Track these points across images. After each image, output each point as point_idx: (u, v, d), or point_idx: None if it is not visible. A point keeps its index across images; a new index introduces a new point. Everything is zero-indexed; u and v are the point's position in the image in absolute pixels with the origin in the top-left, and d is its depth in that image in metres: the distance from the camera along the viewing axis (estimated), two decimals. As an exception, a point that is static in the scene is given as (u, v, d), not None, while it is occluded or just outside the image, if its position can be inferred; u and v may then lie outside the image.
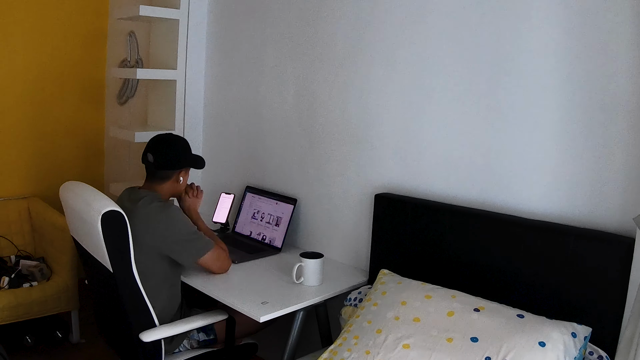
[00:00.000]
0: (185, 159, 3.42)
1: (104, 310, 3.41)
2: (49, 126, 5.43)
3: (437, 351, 2.45)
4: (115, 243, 2.89)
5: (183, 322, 3.10)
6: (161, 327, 3.03)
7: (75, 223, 3.24)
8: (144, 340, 2.93)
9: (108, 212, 2.83)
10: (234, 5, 4.46)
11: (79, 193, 3.14)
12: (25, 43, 5.22)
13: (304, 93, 3.93)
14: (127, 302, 2.96)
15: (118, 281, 2.93)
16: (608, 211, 2.62)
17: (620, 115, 2.55)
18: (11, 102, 5.21)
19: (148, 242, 3.10)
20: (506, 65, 2.92)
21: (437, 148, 3.23)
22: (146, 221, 3.11)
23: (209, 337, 3.30)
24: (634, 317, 2.16)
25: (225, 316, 3.19)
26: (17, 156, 5.29)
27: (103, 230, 2.84)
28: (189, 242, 3.16)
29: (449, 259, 3.07)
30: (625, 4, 2.50)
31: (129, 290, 2.96)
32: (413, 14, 3.29)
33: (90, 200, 2.98)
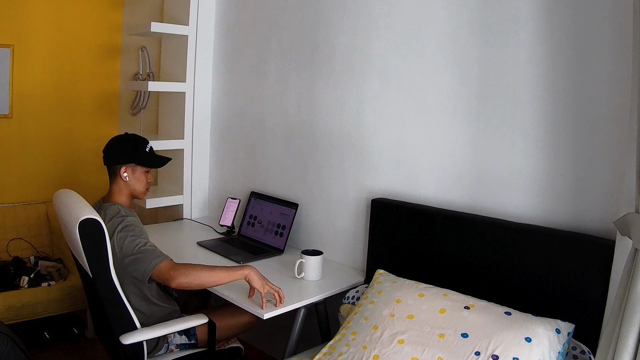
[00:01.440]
0: (127, 154, 3.30)
1: (93, 312, 3.40)
2: (66, 135, 5.44)
3: (429, 346, 2.46)
4: (92, 249, 2.84)
5: (162, 326, 3.01)
6: (141, 330, 2.95)
7: (63, 229, 3.20)
8: (123, 342, 2.85)
9: (85, 220, 2.78)
10: (238, 22, 4.47)
11: (65, 200, 3.09)
12: (45, 57, 5.23)
13: (304, 104, 3.94)
14: (108, 306, 2.92)
15: (98, 285, 2.89)
16: (590, 215, 2.63)
17: (601, 126, 2.56)
18: (31, 112, 5.22)
19: (116, 255, 3.00)
20: (494, 79, 2.93)
21: (430, 156, 3.23)
22: (110, 236, 2.99)
23: (190, 341, 3.24)
24: (614, 314, 2.16)
25: (204, 320, 3.09)
26: (36, 163, 5.30)
27: (81, 236, 2.79)
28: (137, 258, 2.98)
29: (441, 260, 3.07)
30: (606, 22, 2.51)
31: (108, 294, 2.90)
32: (407, 31, 3.30)
33: (72, 208, 2.94)
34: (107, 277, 2.88)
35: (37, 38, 5.18)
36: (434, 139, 3.21)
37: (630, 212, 2.16)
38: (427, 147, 3.24)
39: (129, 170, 3.27)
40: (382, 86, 3.44)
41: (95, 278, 2.88)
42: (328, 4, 3.72)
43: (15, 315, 4.22)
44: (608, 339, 2.15)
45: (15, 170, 5.21)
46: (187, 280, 2.92)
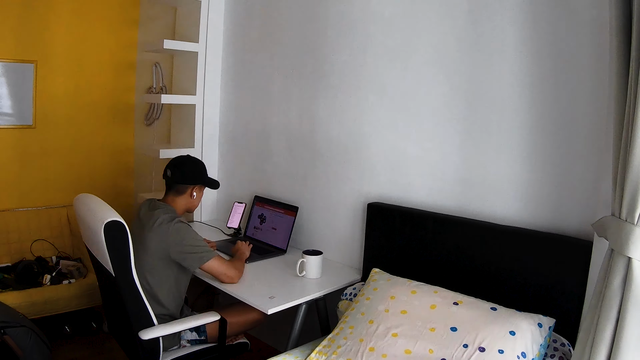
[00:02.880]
0: (199, 177, 3.44)
1: (110, 310, 3.40)
2: (85, 144, 5.44)
3: (421, 339, 2.46)
4: (116, 250, 2.84)
5: (179, 322, 3.04)
6: (159, 326, 2.96)
7: (84, 231, 3.20)
8: (142, 337, 2.86)
9: (110, 222, 2.78)
10: (245, 40, 4.47)
11: (87, 204, 3.11)
12: (65, 72, 5.24)
13: (306, 116, 3.94)
14: (128, 303, 2.92)
15: (119, 284, 2.89)
16: (569, 218, 2.63)
17: (580, 136, 2.57)
18: (53, 123, 5.22)
19: (158, 247, 3.10)
20: (481, 92, 2.93)
21: (421, 163, 3.24)
22: (158, 230, 3.11)
23: (200, 337, 3.25)
24: (591, 309, 2.16)
25: (217, 317, 3.11)
26: (57, 170, 5.30)
27: (105, 237, 2.79)
28: (193, 251, 3.13)
29: (431, 259, 3.07)
30: (584, 40, 2.52)
31: (129, 292, 2.91)
32: (400, 47, 3.30)
33: (96, 211, 2.94)
34: (128, 276, 2.90)
35: (59, 54, 5.19)
36: (425, 147, 3.21)
37: (607, 215, 2.16)
38: (419, 155, 3.25)
39: (197, 190, 3.44)
40: (377, 98, 3.45)
41: (118, 277, 2.88)
42: (327, 24, 3.73)
43: (38, 311, 4.23)
44: (586, 332, 2.15)
45: (38, 177, 5.21)
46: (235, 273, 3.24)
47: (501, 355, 2.31)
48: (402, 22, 3.29)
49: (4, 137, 5.00)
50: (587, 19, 2.50)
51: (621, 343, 1.98)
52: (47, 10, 5.07)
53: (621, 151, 2.05)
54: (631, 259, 2.00)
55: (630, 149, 1.97)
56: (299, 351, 2.91)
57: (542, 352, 2.41)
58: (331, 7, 3.71)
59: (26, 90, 5.05)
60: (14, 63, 4.94)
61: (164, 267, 3.15)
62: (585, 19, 2.50)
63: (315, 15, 3.83)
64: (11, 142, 5.04)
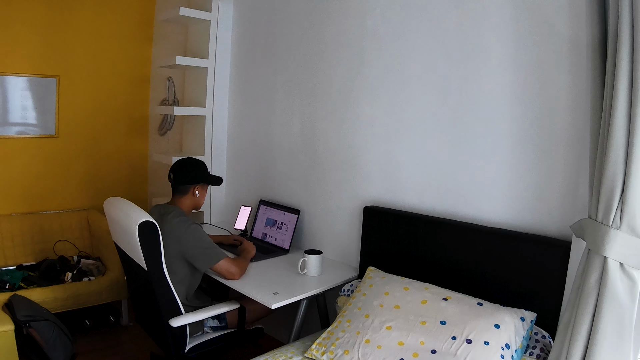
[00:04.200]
0: (199, 176, 3.44)
1: (139, 301, 3.43)
2: (103, 152, 5.44)
3: (413, 332, 2.46)
4: (149, 247, 2.91)
5: (204, 310, 3.11)
6: (186, 314, 3.05)
7: (116, 231, 3.25)
8: (172, 325, 2.96)
9: (143, 222, 2.87)
10: (250, 56, 4.47)
11: (120, 206, 3.16)
12: (86, 86, 5.24)
13: (306, 126, 3.93)
14: (159, 295, 2.98)
15: (152, 277, 2.95)
16: (550, 220, 2.63)
17: (559, 145, 2.57)
18: (74, 133, 5.22)
19: (173, 248, 3.13)
20: (468, 103, 2.93)
21: (413, 170, 3.23)
22: (172, 232, 3.14)
23: (221, 324, 3.29)
24: (570, 304, 2.16)
25: (237, 305, 3.22)
26: (78, 177, 5.30)
27: (139, 236, 2.87)
28: (205, 253, 3.16)
29: (422, 258, 3.06)
30: (564, 56, 2.52)
31: (161, 284, 2.98)
32: (394, 63, 3.30)
33: (130, 212, 3.00)
34: (160, 270, 2.96)
35: (79, 70, 5.19)
36: (417, 154, 3.21)
37: (584, 217, 2.16)
38: (411, 162, 3.24)
39: (199, 188, 3.43)
40: (373, 110, 3.44)
41: (150, 271, 2.94)
42: (326, 41, 3.73)
43: (60, 306, 4.23)
44: (565, 325, 2.16)
45: (61, 182, 5.21)
46: (237, 271, 3.21)
47: (487, 347, 2.30)
48: (395, 39, 3.29)
49: (30, 146, 5.01)
50: (567, 37, 2.50)
51: (597, 335, 1.98)
52: (69, 30, 5.09)
53: (597, 159, 2.06)
54: (606, 258, 2.00)
55: (605, 157, 1.97)
56: (301, 343, 2.90)
57: (525, 343, 2.41)
58: (329, 26, 3.71)
59: (50, 102, 5.06)
60: (38, 78, 4.95)
61: (180, 266, 3.18)
62: (565, 36, 2.51)
63: (314, 34, 3.84)
64: (36, 150, 5.05)
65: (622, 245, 1.98)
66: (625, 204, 1.95)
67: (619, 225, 1.98)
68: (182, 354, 3.10)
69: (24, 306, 3.77)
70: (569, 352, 2.06)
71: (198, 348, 3.15)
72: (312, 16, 3.86)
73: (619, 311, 1.98)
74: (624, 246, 1.98)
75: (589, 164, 2.14)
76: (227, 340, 3.28)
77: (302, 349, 2.81)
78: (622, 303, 1.98)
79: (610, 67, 1.98)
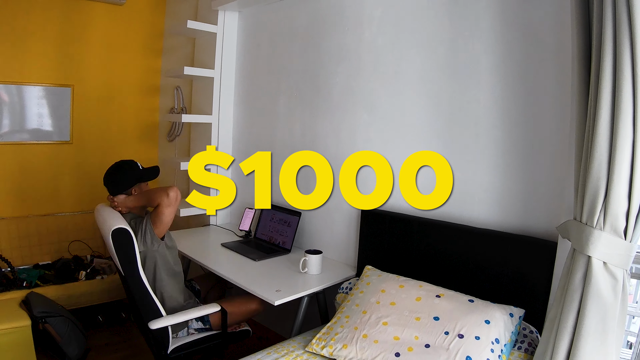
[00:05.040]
0: (128, 179, 3.26)
1: (129, 302, 3.41)
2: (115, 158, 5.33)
3: (408, 327, 2.46)
4: (123, 253, 2.89)
5: (183, 313, 3.01)
6: (166, 317, 2.96)
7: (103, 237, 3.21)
8: (151, 327, 2.88)
9: (116, 229, 2.85)
10: (254, 67, 4.47)
11: (102, 213, 3.13)
12: (99, 95, 5.25)
13: (307, 132, 3.93)
14: (137, 298, 2.96)
15: (129, 282, 2.94)
16: (537, 222, 2.63)
17: (546, 150, 2.58)
18: (87, 139, 5.23)
19: (145, 250, 3.07)
20: (460, 112, 2.94)
21: (408, 174, 3.24)
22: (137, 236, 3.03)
23: (205, 326, 3.23)
24: (556, 301, 2.16)
25: (217, 308, 3.10)
26: (91, 180, 5.28)
27: (113, 243, 2.86)
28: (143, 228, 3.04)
29: (417, 257, 3.06)
30: (549, 68, 2.53)
31: (138, 289, 2.94)
32: (390, 73, 3.31)
33: (107, 219, 2.98)
34: (136, 275, 2.92)
35: (93, 79, 5.20)
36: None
37: (570, 219, 2.16)
38: (406, 167, 3.25)
39: (136, 189, 3.28)
40: (370, 117, 3.45)
41: (127, 276, 2.92)
42: (326, 52, 3.74)
43: (75, 302, 4.24)
44: (552, 321, 2.16)
45: (75, 186, 5.22)
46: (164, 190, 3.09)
47: (477, 341, 2.31)
48: (391, 50, 3.30)
49: (46, 152, 5.02)
50: (553, 48, 2.51)
51: (582, 330, 1.98)
52: (83, 42, 5.10)
53: (582, 164, 2.06)
54: (590, 257, 2.01)
55: (589, 162, 1.98)
56: (302, 338, 2.90)
57: (513, 338, 2.42)
58: (329, 38, 3.72)
59: (64, 110, 5.07)
60: (54, 87, 4.96)
61: (150, 266, 3.11)
62: (551, 48, 2.52)
63: (315, 45, 3.84)
64: (52, 155, 5.06)
65: (606, 245, 1.98)
66: (608, 207, 1.95)
67: (603, 226, 1.99)
68: (165, 355, 3.03)
69: (40, 303, 3.78)
70: (555, 346, 2.07)
71: (182, 349, 3.08)
72: (313, 29, 3.86)
73: (603, 308, 1.98)
74: (607, 246, 1.98)
75: (574, 168, 2.14)
76: (210, 342, 3.21)
77: (303, 343, 2.80)
78: (605, 300, 1.98)
79: (594, 77, 1.99)
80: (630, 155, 1.89)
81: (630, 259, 1.99)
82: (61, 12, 4.93)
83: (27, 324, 3.56)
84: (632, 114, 1.86)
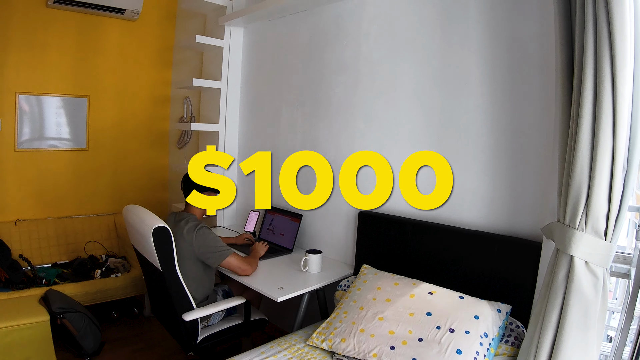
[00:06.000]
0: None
1: (156, 297, 3.42)
2: (129, 164, 5.45)
3: (402, 322, 2.46)
4: (162, 249, 2.90)
5: (213, 306, 3.10)
6: (197, 309, 3.04)
7: (133, 235, 3.24)
8: (185, 319, 2.95)
9: (157, 228, 2.86)
10: (258, 79, 4.48)
11: (136, 213, 3.14)
12: (113, 105, 5.27)
13: (308, 139, 3.94)
14: (173, 292, 2.97)
15: (166, 277, 2.95)
16: (523, 224, 2.63)
17: (531, 157, 2.58)
18: (102, 146, 5.24)
19: (186, 250, 3.13)
20: (450, 121, 2.94)
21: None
22: (185, 236, 3.13)
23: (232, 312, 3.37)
24: (541, 298, 2.17)
25: (243, 300, 3.23)
26: (106, 185, 5.31)
27: (154, 240, 2.86)
28: (214, 251, 3.15)
29: (411, 257, 3.06)
30: (535, 79, 2.54)
31: (174, 283, 2.96)
32: (385, 85, 3.31)
33: (145, 218, 3.00)
34: (172, 269, 2.95)
35: (107, 90, 5.22)
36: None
37: (553, 221, 2.17)
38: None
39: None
40: (366, 126, 3.45)
41: (164, 271, 2.93)
42: (326, 65, 3.74)
43: (90, 299, 4.24)
44: (537, 316, 2.16)
45: (90, 190, 5.22)
46: (248, 267, 3.24)
47: (467, 335, 2.31)
48: (387, 64, 3.31)
49: (63, 158, 5.04)
50: (537, 62, 2.52)
51: (565, 325, 1.98)
52: (98, 55, 5.12)
53: (565, 169, 2.06)
54: (573, 257, 2.01)
55: (572, 168, 1.98)
56: (303, 332, 2.90)
57: (501, 332, 2.42)
58: (328, 52, 3.72)
59: (81, 119, 5.08)
60: (71, 98, 4.97)
61: (193, 266, 3.17)
62: (536, 62, 2.52)
63: (315, 58, 3.85)
64: (69, 162, 5.07)
65: (587, 245, 1.99)
66: (590, 210, 1.96)
67: (584, 227, 1.99)
68: (195, 345, 3.10)
69: (58, 299, 3.78)
70: (540, 340, 2.07)
71: (209, 339, 3.15)
72: (313, 43, 3.87)
73: (584, 304, 1.98)
74: (588, 246, 1.99)
75: (558, 174, 2.14)
76: (234, 331, 3.27)
77: (305, 337, 2.80)
78: (586, 297, 1.98)
79: (576, 89, 1.99)
80: (610, 162, 1.90)
81: (610, 258, 2.00)
82: (78, 27, 4.95)
83: (46, 319, 3.57)
84: (611, 122, 1.87)
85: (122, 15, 5.09)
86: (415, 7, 3.13)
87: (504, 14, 2.67)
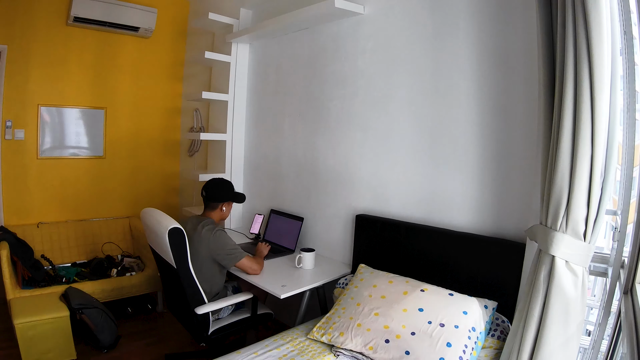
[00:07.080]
0: (226, 195, 3.44)
1: (170, 293, 3.43)
2: (143, 171, 5.45)
3: (396, 317, 2.46)
4: (177, 248, 2.92)
5: (223, 300, 3.13)
6: (209, 304, 3.07)
7: (150, 235, 3.25)
8: (197, 312, 2.98)
9: (172, 228, 2.88)
10: (263, 92, 4.48)
11: (153, 215, 3.16)
12: (128, 116, 5.28)
13: (309, 149, 3.94)
14: (186, 287, 2.99)
15: (180, 273, 2.96)
16: (508, 226, 2.64)
17: (516, 162, 2.59)
18: (118, 154, 5.25)
19: (204, 251, 3.15)
20: (442, 130, 2.94)
21: (396, 185, 3.23)
22: (203, 238, 3.16)
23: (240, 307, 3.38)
24: (524, 295, 2.17)
25: (251, 295, 3.24)
26: (121, 190, 5.32)
27: (169, 240, 2.88)
28: (229, 253, 3.18)
29: (404, 257, 3.06)
30: (519, 92, 2.55)
31: (187, 279, 2.98)
32: (380, 97, 3.32)
33: (161, 220, 3.01)
34: (186, 268, 2.97)
35: (123, 103, 5.23)
36: (399, 172, 3.21)
37: (536, 224, 2.17)
38: (394, 179, 3.25)
39: (225, 205, 3.45)
40: (363, 136, 3.45)
41: (178, 269, 2.95)
42: (325, 79, 3.75)
43: (107, 296, 4.23)
44: (520, 312, 2.16)
45: (107, 195, 5.23)
46: (258, 268, 3.27)
47: (457, 329, 2.31)
48: (382, 77, 3.31)
49: (82, 165, 5.05)
50: (522, 77, 2.53)
51: (547, 320, 1.99)
52: (115, 69, 5.14)
53: (547, 176, 2.07)
54: (554, 256, 2.01)
55: (554, 174, 1.99)
56: (304, 326, 2.90)
57: (488, 327, 2.42)
58: (327, 66, 3.73)
59: (98, 129, 5.09)
60: (89, 109, 4.99)
61: (209, 266, 3.20)
62: (521, 76, 2.53)
63: (315, 73, 3.85)
64: (87, 169, 5.08)
65: (567, 246, 1.99)
66: (570, 213, 1.96)
67: (565, 229, 1.99)
68: (207, 336, 3.11)
69: (77, 296, 3.78)
70: (523, 334, 2.07)
71: (219, 331, 3.16)
72: (313, 59, 3.88)
73: (565, 300, 1.98)
74: (568, 247, 1.99)
75: (541, 180, 2.14)
76: (243, 324, 3.28)
77: (305, 331, 2.80)
78: (567, 294, 1.98)
79: (557, 101, 2.00)
80: (589, 169, 1.90)
81: (588, 258, 2.00)
82: (95, 44, 4.97)
83: (66, 315, 3.57)
84: (590, 132, 1.87)
85: (137, 33, 5.11)
86: (408, 25, 3.14)
87: (491, 32, 2.68)
